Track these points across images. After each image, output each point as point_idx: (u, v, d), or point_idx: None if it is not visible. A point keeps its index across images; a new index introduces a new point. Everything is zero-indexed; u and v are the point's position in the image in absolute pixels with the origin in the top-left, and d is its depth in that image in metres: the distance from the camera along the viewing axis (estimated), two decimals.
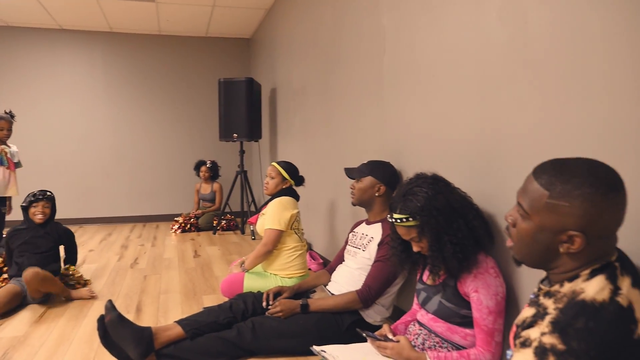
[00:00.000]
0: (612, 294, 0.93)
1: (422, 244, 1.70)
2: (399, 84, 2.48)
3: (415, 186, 1.70)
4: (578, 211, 0.97)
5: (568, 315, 0.92)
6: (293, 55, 4.64)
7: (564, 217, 0.99)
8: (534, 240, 1.05)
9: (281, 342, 2.16)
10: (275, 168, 3.09)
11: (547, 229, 1.02)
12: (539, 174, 1.05)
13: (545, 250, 1.04)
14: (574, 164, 1.01)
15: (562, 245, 1.01)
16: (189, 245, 4.94)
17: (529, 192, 1.05)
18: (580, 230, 0.97)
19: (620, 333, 0.89)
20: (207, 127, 6.89)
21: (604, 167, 1.00)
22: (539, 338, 0.93)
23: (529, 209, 1.05)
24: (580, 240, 0.98)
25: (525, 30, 1.58)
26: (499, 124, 1.73)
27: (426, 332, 1.77)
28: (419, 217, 1.64)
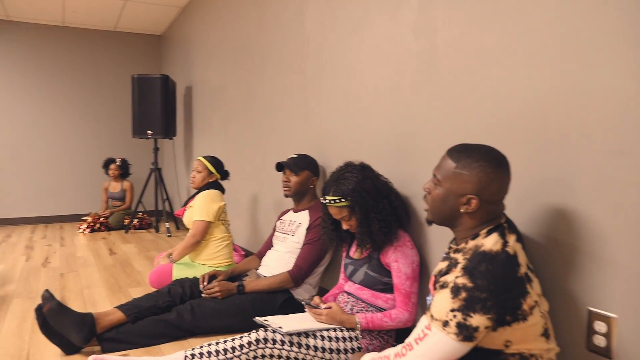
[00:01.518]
0: (503, 246, 1.26)
1: (351, 222, 1.98)
2: (322, 85, 2.76)
3: (346, 172, 1.98)
4: (474, 179, 1.30)
5: (473, 262, 1.23)
6: (212, 54, 4.75)
7: (465, 184, 1.31)
8: (443, 202, 1.37)
9: (220, 321, 2.33)
10: (201, 162, 3.22)
11: (452, 192, 1.34)
12: (450, 151, 1.38)
13: (450, 210, 1.36)
14: (476, 146, 1.36)
15: (463, 207, 1.33)
16: (102, 244, 4.85)
17: (442, 165, 1.38)
18: (475, 194, 1.30)
19: (509, 272, 1.22)
20: (117, 124, 6.71)
21: (496, 151, 1.35)
22: (453, 280, 1.23)
23: (441, 178, 1.37)
24: (475, 202, 1.30)
25: (435, 43, 1.92)
26: (412, 122, 2.06)
27: (354, 300, 2.06)
28: (350, 198, 1.92)
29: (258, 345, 1.81)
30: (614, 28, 1.30)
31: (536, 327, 1.24)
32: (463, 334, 1.19)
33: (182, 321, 2.27)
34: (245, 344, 1.81)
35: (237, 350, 1.80)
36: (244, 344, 1.81)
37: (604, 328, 1.34)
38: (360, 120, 2.42)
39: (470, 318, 1.18)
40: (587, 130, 1.37)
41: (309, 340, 1.86)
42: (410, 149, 2.09)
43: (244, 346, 1.81)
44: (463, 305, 1.19)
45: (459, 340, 1.19)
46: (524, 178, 1.55)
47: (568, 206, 1.43)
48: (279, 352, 1.83)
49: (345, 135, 2.56)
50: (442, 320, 1.21)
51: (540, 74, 1.50)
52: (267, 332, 1.84)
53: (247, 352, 1.81)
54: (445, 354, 1.22)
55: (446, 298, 1.22)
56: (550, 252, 1.49)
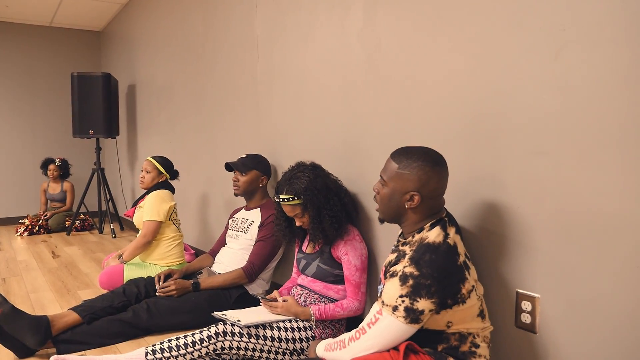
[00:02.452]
0: (444, 237, 1.42)
1: (304, 219, 2.10)
2: (272, 87, 2.85)
3: (298, 172, 2.10)
4: (414, 177, 1.45)
5: (419, 252, 1.39)
6: (157, 53, 4.71)
7: (407, 182, 1.46)
8: (389, 200, 1.52)
9: (176, 318, 2.38)
10: (151, 162, 3.23)
11: (397, 191, 1.48)
12: (393, 154, 1.53)
13: (396, 207, 1.51)
14: (415, 148, 1.52)
15: (407, 203, 1.48)
16: (43, 247, 4.70)
17: (387, 167, 1.53)
18: (417, 191, 1.45)
19: (450, 261, 1.38)
20: (56, 123, 6.47)
21: (433, 151, 1.51)
22: (402, 269, 1.38)
23: (386, 178, 1.52)
24: (417, 198, 1.45)
25: (379, 50, 2.07)
26: (359, 125, 2.21)
27: (307, 292, 2.18)
28: (302, 196, 2.04)
29: (217, 338, 1.90)
30: (536, 39, 1.49)
31: (473, 308, 1.41)
32: (410, 317, 1.34)
33: (139, 320, 2.31)
34: (205, 337, 1.89)
35: (197, 344, 1.88)
36: (204, 338, 1.89)
37: (529, 307, 1.54)
38: (310, 123, 2.54)
39: (416, 302, 1.33)
40: (513, 133, 1.56)
41: (266, 331, 1.97)
42: (357, 150, 2.23)
43: (203, 340, 1.89)
44: (410, 291, 1.34)
45: (407, 323, 1.34)
46: (460, 176, 1.73)
47: (498, 201, 1.62)
48: (238, 344, 1.92)
49: (296, 137, 2.67)
50: (392, 306, 1.36)
51: (473, 82, 1.68)
52: (225, 325, 1.93)
53: (207, 345, 1.88)
54: (394, 335, 1.36)
55: (395, 285, 1.36)
56: (483, 241, 1.67)
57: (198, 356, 1.88)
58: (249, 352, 1.94)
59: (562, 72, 1.42)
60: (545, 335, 1.51)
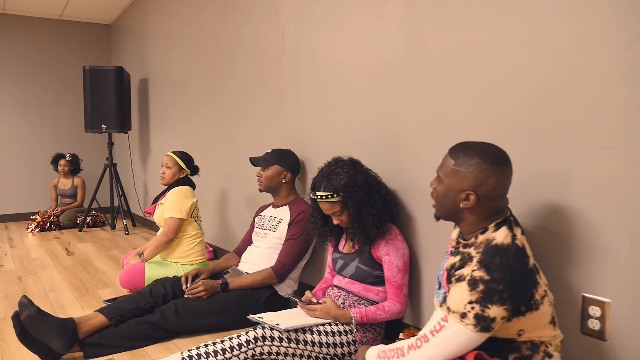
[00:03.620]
0: (512, 239, 1.31)
1: (342, 217, 2.00)
2: (299, 79, 2.74)
3: (336, 167, 2.00)
4: (470, 175, 1.34)
5: (488, 255, 1.28)
6: (172, 46, 4.60)
7: (463, 180, 1.36)
8: (444, 198, 1.42)
9: (204, 320, 2.29)
10: (171, 158, 3.13)
11: (452, 189, 1.38)
12: (451, 150, 1.43)
13: (452, 206, 1.41)
14: (474, 144, 1.40)
15: (462, 202, 1.37)
16: (56, 244, 4.62)
17: (443, 163, 1.43)
18: (472, 190, 1.35)
19: (522, 264, 1.28)
20: (67, 117, 6.37)
21: (494, 147, 1.39)
22: (470, 273, 1.27)
23: (442, 175, 1.42)
24: (473, 198, 1.34)
25: (423, 39, 1.96)
26: (399, 115, 2.10)
27: (345, 293, 2.08)
28: (342, 193, 1.94)
29: (257, 343, 1.80)
30: (607, 27, 1.38)
31: (546, 315, 1.31)
32: (481, 325, 1.24)
33: (167, 322, 2.22)
34: (243, 342, 1.80)
35: (236, 349, 1.79)
36: (242, 343, 1.80)
37: (598, 312, 1.44)
38: (342, 116, 2.44)
39: (487, 309, 1.23)
40: (577, 126, 1.45)
41: (306, 335, 1.87)
42: (396, 143, 2.12)
43: (242, 345, 1.79)
44: (481, 297, 1.23)
45: (477, 331, 1.24)
46: (517, 173, 1.62)
47: (562, 199, 1.51)
48: (277, 349, 1.82)
49: (326, 131, 2.56)
50: (460, 312, 1.26)
51: (531, 72, 1.57)
52: (264, 329, 1.83)
53: (245, 350, 1.79)
54: (461, 344, 1.26)
55: (463, 291, 1.26)
56: (544, 242, 1.57)
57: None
58: (289, 357, 1.84)
59: (633, 60, 1.31)
60: (616, 343, 1.41)
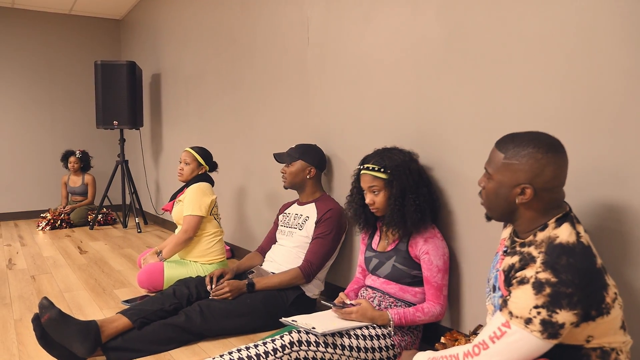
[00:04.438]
0: (577, 236, 1.21)
1: (377, 198, 1.93)
2: (325, 73, 2.64)
3: (393, 149, 1.96)
4: (525, 167, 1.24)
5: (553, 255, 1.18)
6: (185, 40, 4.50)
7: (516, 173, 1.26)
8: (497, 196, 1.31)
9: (231, 322, 2.19)
10: (190, 154, 3.04)
11: (505, 184, 1.28)
12: (498, 143, 1.32)
13: (505, 203, 1.30)
14: (523, 134, 1.30)
15: (518, 197, 1.27)
16: (68, 242, 4.53)
17: (492, 158, 1.32)
18: (529, 183, 1.24)
19: (590, 264, 1.17)
20: (75, 113, 6.29)
21: (545, 135, 1.28)
22: (534, 275, 1.17)
23: (492, 171, 1.31)
24: (529, 191, 1.24)
25: (463, 27, 1.86)
26: (436, 109, 2.00)
27: (380, 294, 1.98)
28: (390, 171, 1.89)
29: (292, 348, 1.70)
30: None
31: (617, 320, 1.21)
32: (548, 331, 1.14)
33: (192, 324, 2.12)
34: (278, 347, 1.70)
35: (271, 355, 1.69)
36: (278, 348, 1.70)
37: None
38: (372, 111, 2.33)
39: (556, 314, 1.13)
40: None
41: (344, 340, 1.77)
42: (433, 138, 2.02)
43: (277, 350, 1.70)
44: (548, 301, 1.13)
45: (543, 338, 1.14)
46: (572, 169, 1.52)
47: (621, 196, 1.41)
48: (314, 354, 1.73)
49: (354, 126, 2.46)
50: (525, 318, 1.15)
51: (588, 59, 1.46)
52: (300, 333, 1.74)
53: (281, 356, 1.69)
54: (525, 352, 1.16)
55: (528, 294, 1.16)
56: (603, 242, 1.47)
57: None
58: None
59: None
60: None
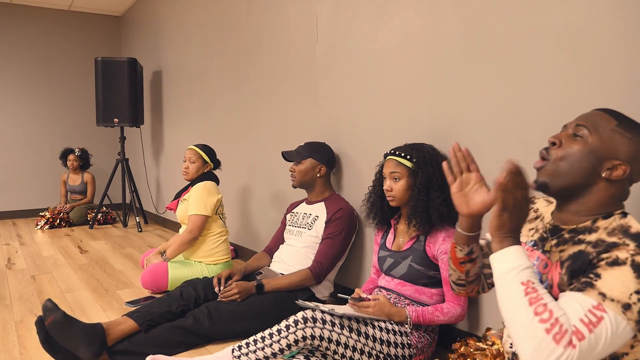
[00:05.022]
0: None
1: (396, 185, 1.88)
2: (335, 69, 2.58)
3: (423, 144, 1.93)
4: (634, 145, 1.09)
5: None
6: (188, 37, 4.44)
7: (621, 147, 1.10)
8: (581, 160, 1.12)
9: (240, 325, 2.13)
10: (195, 151, 2.97)
11: (600, 152, 1.10)
12: (606, 110, 1.15)
13: (586, 173, 1.12)
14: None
15: (606, 172, 1.10)
16: (68, 241, 4.46)
17: (594, 118, 1.14)
18: (628, 162, 1.09)
19: None
20: (75, 111, 6.22)
21: None
22: (630, 257, 1.01)
23: (592, 130, 1.12)
24: (624, 168, 1.09)
25: (484, 22, 1.80)
26: (454, 107, 1.94)
27: (395, 296, 1.92)
28: (416, 161, 1.85)
29: (306, 324, 1.63)
30: None
31: None
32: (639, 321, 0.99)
33: (200, 327, 2.06)
34: (291, 322, 1.65)
35: (284, 331, 1.65)
36: (290, 324, 1.65)
37: None
38: (385, 108, 2.27)
39: None
40: None
41: (361, 326, 1.72)
42: (450, 137, 1.96)
43: (290, 326, 1.65)
44: None
45: (636, 331, 1.00)
46: None
47: None
48: (329, 334, 1.64)
49: (365, 124, 2.40)
50: (623, 302, 0.99)
51: (615, 50, 1.41)
52: (315, 312, 1.68)
53: (294, 331, 1.63)
54: (612, 343, 1.00)
55: (627, 276, 1.00)
56: None
57: (286, 344, 1.65)
58: (340, 347, 1.65)
59: None
60: None
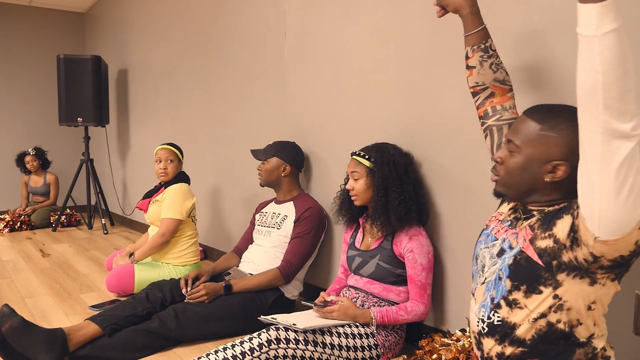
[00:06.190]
0: None
1: (356, 185, 1.91)
2: (303, 68, 2.57)
3: (388, 145, 1.94)
4: (564, 141, 1.11)
5: None
6: (154, 33, 4.35)
7: (551, 148, 1.12)
8: (523, 171, 1.17)
9: (208, 327, 2.10)
10: (172, 150, 2.88)
11: (535, 159, 1.14)
12: (530, 113, 1.18)
13: (531, 180, 1.16)
14: (560, 106, 1.17)
15: (547, 175, 1.14)
16: (29, 245, 4.32)
17: (521, 129, 1.17)
18: (564, 159, 1.11)
19: None
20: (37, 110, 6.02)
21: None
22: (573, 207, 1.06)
23: (520, 143, 1.16)
24: (564, 169, 1.12)
25: (449, 23, 1.82)
26: (421, 106, 1.96)
27: (364, 295, 1.93)
28: (374, 160, 1.88)
29: (270, 346, 1.63)
30: None
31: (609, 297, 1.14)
32: None
33: (167, 329, 2.02)
34: (255, 346, 1.63)
35: (248, 355, 1.62)
36: (255, 347, 1.63)
37: None
38: (353, 106, 2.28)
39: None
40: None
41: (325, 337, 1.71)
42: (418, 136, 1.98)
43: (254, 349, 1.62)
44: None
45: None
46: None
47: None
48: (293, 352, 1.65)
49: (334, 123, 2.40)
50: None
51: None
52: (279, 331, 1.67)
53: (259, 355, 1.62)
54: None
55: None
56: None
57: None
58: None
59: None
60: None
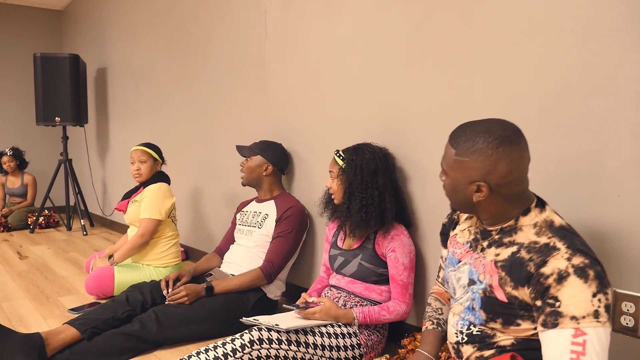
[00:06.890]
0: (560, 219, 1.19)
1: (332, 184, 1.95)
2: (284, 68, 2.56)
3: (367, 147, 1.93)
4: (476, 164, 1.15)
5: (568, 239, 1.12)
6: (133, 32, 4.30)
7: (469, 171, 1.17)
8: (454, 192, 1.24)
9: (189, 328, 2.08)
10: (144, 151, 2.86)
11: (459, 181, 1.20)
12: (451, 137, 1.23)
13: (464, 199, 1.22)
14: (476, 124, 1.19)
15: (474, 195, 1.18)
16: (6, 247, 4.23)
17: (445, 154, 1.24)
18: (483, 181, 1.15)
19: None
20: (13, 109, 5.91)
21: (500, 125, 1.16)
22: (569, 264, 1.07)
23: (446, 168, 1.23)
24: (485, 189, 1.16)
25: (429, 23, 1.83)
26: (402, 106, 1.97)
27: (345, 294, 1.93)
28: (346, 163, 1.89)
29: (253, 347, 1.62)
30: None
31: None
32: (610, 315, 1.06)
33: (147, 332, 2.00)
34: (238, 347, 1.62)
35: (230, 356, 1.60)
36: (237, 348, 1.62)
37: (632, 308, 1.36)
38: (334, 106, 2.28)
39: (608, 295, 1.06)
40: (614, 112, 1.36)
41: (308, 337, 1.71)
42: (398, 135, 1.99)
43: (237, 350, 1.61)
44: (598, 283, 1.06)
45: (608, 326, 1.06)
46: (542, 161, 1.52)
47: (591, 188, 1.42)
48: (276, 352, 1.65)
49: (315, 122, 2.40)
50: (591, 312, 1.04)
51: (554, 51, 1.47)
52: (261, 331, 1.66)
53: (241, 356, 1.61)
54: (604, 350, 1.05)
55: (579, 286, 1.06)
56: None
57: None
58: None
59: None
60: None
